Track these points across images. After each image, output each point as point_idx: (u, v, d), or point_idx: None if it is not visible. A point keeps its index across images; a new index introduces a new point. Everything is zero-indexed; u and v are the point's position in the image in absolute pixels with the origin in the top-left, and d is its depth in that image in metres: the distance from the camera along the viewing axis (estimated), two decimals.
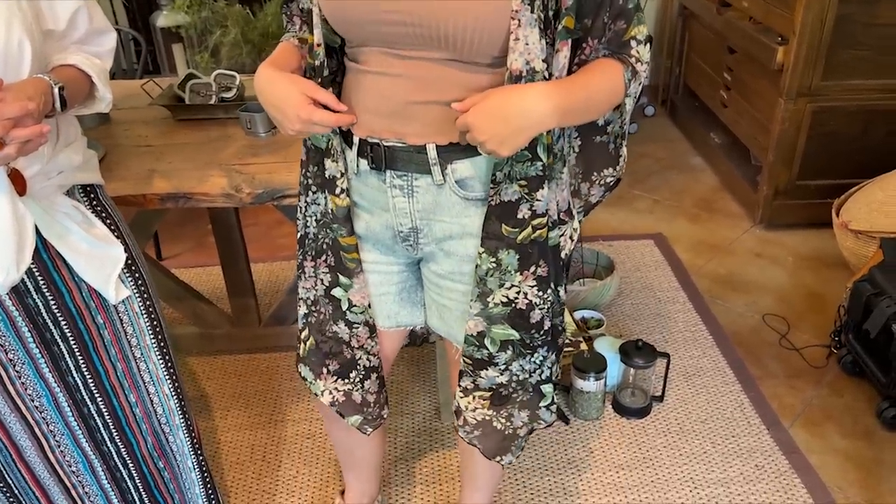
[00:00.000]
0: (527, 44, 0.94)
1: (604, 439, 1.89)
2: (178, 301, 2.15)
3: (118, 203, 1.41)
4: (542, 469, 1.80)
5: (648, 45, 1.04)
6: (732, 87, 3.06)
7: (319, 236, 1.20)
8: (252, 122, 1.76)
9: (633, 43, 1.03)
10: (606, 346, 2.00)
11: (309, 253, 1.24)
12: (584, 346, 2.03)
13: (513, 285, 1.08)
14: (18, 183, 1.07)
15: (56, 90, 1.07)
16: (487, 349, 1.13)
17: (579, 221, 1.17)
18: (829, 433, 1.91)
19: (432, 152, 1.03)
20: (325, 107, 1.01)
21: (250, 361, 2.20)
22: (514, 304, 1.09)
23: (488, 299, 1.09)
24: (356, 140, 1.08)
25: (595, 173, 1.15)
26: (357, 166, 1.10)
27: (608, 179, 1.15)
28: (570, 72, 1.02)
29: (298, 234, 1.26)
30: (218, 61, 3.69)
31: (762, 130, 2.76)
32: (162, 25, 3.63)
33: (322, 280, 1.22)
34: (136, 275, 1.28)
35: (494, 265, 1.07)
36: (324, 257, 1.21)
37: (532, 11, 0.93)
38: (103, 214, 1.26)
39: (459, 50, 0.96)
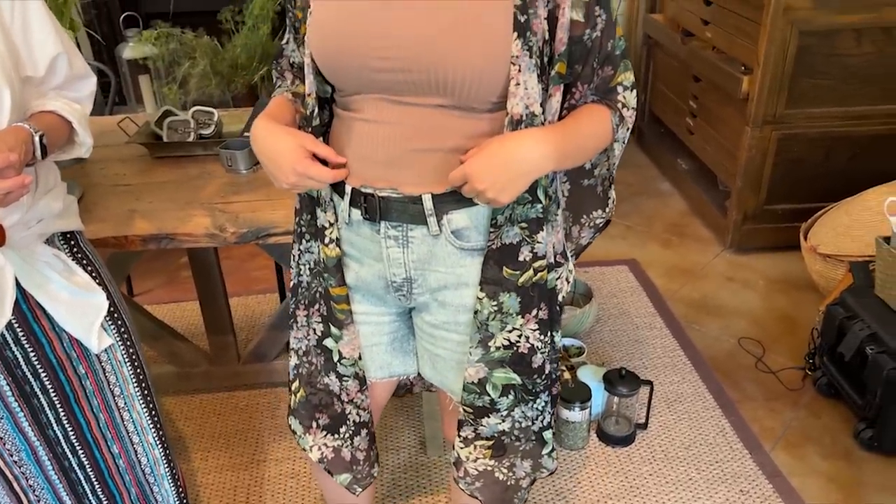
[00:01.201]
0: (526, 88, 0.95)
1: (591, 469, 1.89)
2: (154, 340, 2.10)
3: (98, 246, 1.38)
4: (530, 502, 1.79)
5: (635, 91, 1.06)
6: (698, 114, 3.13)
7: (312, 285, 1.19)
8: (233, 160, 1.75)
9: (619, 89, 1.05)
10: (590, 375, 2.01)
11: (302, 302, 1.22)
12: (567, 376, 2.04)
13: (514, 328, 1.08)
14: None
15: (37, 138, 1.05)
16: (489, 395, 1.12)
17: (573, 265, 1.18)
18: (810, 455, 1.94)
19: (428, 203, 1.02)
20: (324, 162, 1.01)
21: (229, 400, 2.16)
22: (515, 348, 1.09)
23: (490, 343, 1.09)
24: (348, 190, 1.06)
25: (584, 216, 1.16)
26: (349, 216, 1.08)
27: (597, 221, 1.16)
28: (560, 116, 1.04)
29: (292, 283, 1.24)
30: (186, 93, 3.66)
31: (729, 156, 2.83)
32: (128, 57, 3.59)
33: (315, 330, 1.21)
34: (119, 322, 1.25)
35: (496, 309, 1.06)
36: (316, 306, 1.19)
37: (531, 57, 0.94)
38: (84, 261, 1.23)
39: (458, 96, 0.96)
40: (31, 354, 1.16)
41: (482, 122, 0.99)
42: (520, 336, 1.09)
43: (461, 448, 1.20)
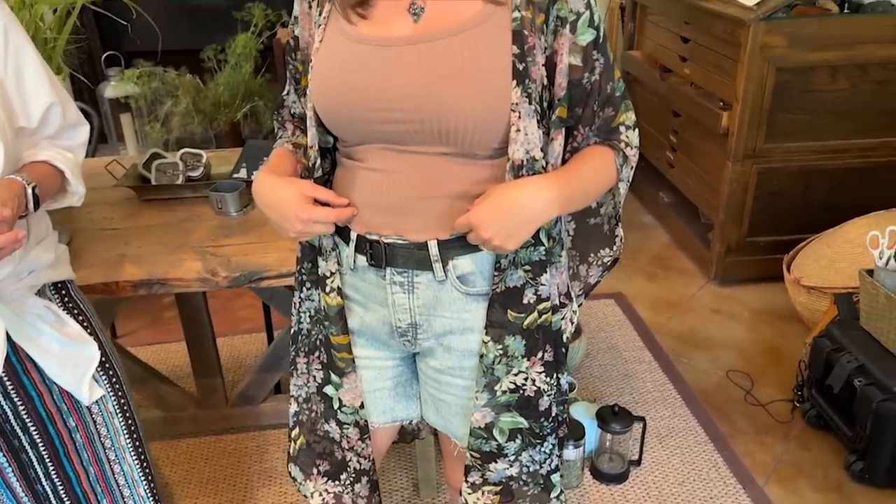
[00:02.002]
0: (526, 134, 0.96)
1: None
2: (140, 384, 2.06)
3: (87, 293, 1.36)
4: None
5: (637, 129, 1.08)
6: (678, 148, 3.18)
7: (313, 332, 1.18)
8: (223, 202, 1.74)
9: (622, 129, 1.07)
10: (582, 412, 2.01)
11: (302, 349, 1.21)
12: None
13: (520, 371, 1.08)
14: None
15: (30, 190, 1.04)
16: (496, 440, 1.11)
17: (579, 305, 1.18)
18: (802, 488, 1.94)
19: (434, 249, 1.02)
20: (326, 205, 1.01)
21: (217, 444, 2.12)
22: (522, 391, 1.09)
23: (496, 388, 1.08)
24: (353, 236, 1.07)
25: (592, 254, 1.17)
26: (354, 262, 1.08)
27: (605, 260, 1.17)
28: (563, 159, 1.05)
29: (292, 330, 1.23)
30: (169, 131, 3.66)
31: (710, 190, 2.87)
32: (110, 96, 3.59)
33: (315, 377, 1.19)
34: (111, 372, 1.23)
35: (501, 352, 1.06)
36: (317, 353, 1.18)
37: (530, 103, 0.95)
38: (75, 311, 1.21)
39: (460, 144, 0.97)
40: (21, 408, 1.13)
41: (484, 169, 1.00)
42: (526, 379, 1.08)
43: (469, 494, 1.18)
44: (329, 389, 1.18)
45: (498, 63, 0.94)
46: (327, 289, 1.11)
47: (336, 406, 1.18)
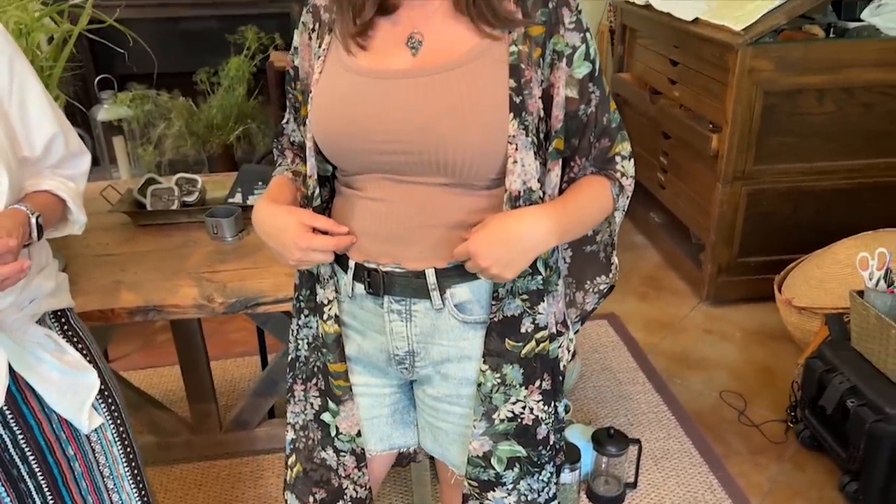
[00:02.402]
0: (523, 165, 0.97)
1: None
2: (134, 409, 2.05)
3: (84, 320, 1.35)
4: None
5: (632, 159, 1.10)
6: (669, 169, 3.21)
7: (311, 359, 1.19)
8: (218, 227, 1.74)
9: (617, 159, 1.08)
10: (578, 435, 2.01)
11: (299, 376, 1.22)
12: None
13: (518, 400, 1.08)
14: None
15: (34, 220, 1.04)
16: (494, 469, 1.11)
17: (575, 332, 1.19)
18: None
19: (431, 277, 1.03)
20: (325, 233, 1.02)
21: (211, 469, 2.10)
22: (519, 420, 1.09)
23: (494, 416, 1.09)
24: (351, 264, 1.07)
25: (588, 282, 1.18)
26: (352, 290, 1.09)
27: (601, 287, 1.18)
28: (560, 189, 1.06)
29: (290, 357, 1.24)
30: (161, 153, 3.67)
31: (701, 211, 2.90)
32: (103, 119, 3.60)
33: (312, 404, 1.20)
34: (109, 400, 1.23)
35: (499, 381, 1.07)
36: (314, 380, 1.18)
37: (527, 135, 0.97)
38: (74, 339, 1.21)
39: (458, 175, 0.98)
40: (20, 437, 1.12)
41: (481, 199, 1.02)
42: (524, 408, 1.09)
43: None
44: (326, 417, 1.19)
45: (495, 96, 0.96)
46: (325, 316, 1.11)
47: (333, 433, 1.18)
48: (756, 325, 2.77)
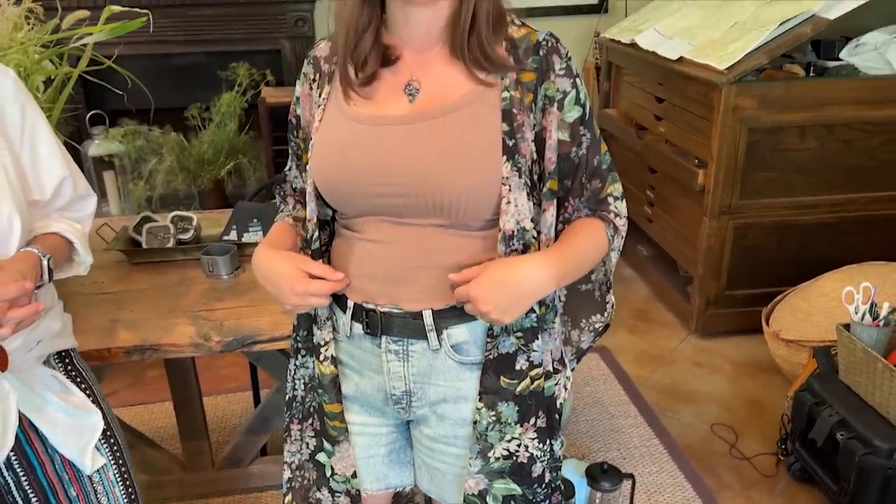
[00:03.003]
0: (517, 206, 1.00)
1: None
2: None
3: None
4: None
5: (624, 200, 1.13)
6: (655, 203, 3.27)
7: (307, 400, 1.20)
8: (214, 265, 1.75)
9: (610, 200, 1.11)
10: (572, 470, 2.02)
11: (296, 416, 1.23)
12: None
13: (513, 438, 1.10)
14: (1, 359, 1.03)
15: (45, 262, 1.06)
16: None
17: (572, 369, 1.21)
18: None
19: (428, 319, 1.05)
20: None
21: None
22: (515, 458, 1.10)
23: (489, 454, 1.10)
24: (350, 305, 1.09)
25: (584, 320, 1.20)
26: (350, 329, 1.11)
27: (597, 326, 1.20)
28: (556, 229, 1.09)
29: (287, 397, 1.25)
30: (152, 188, 3.68)
31: (688, 244, 2.95)
32: (94, 154, 3.61)
33: (308, 444, 1.21)
34: (112, 440, 1.23)
35: (494, 419, 1.08)
36: (310, 420, 1.20)
37: (520, 177, 1.00)
38: (78, 379, 1.21)
39: (454, 216, 1.01)
40: (23, 479, 1.12)
41: (477, 240, 1.04)
42: (519, 445, 1.10)
43: None
44: (321, 457, 1.19)
45: (488, 140, 0.99)
46: (321, 357, 1.13)
47: (328, 474, 1.19)
48: (745, 357, 2.80)
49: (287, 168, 1.23)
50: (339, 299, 1.12)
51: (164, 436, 2.37)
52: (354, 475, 1.18)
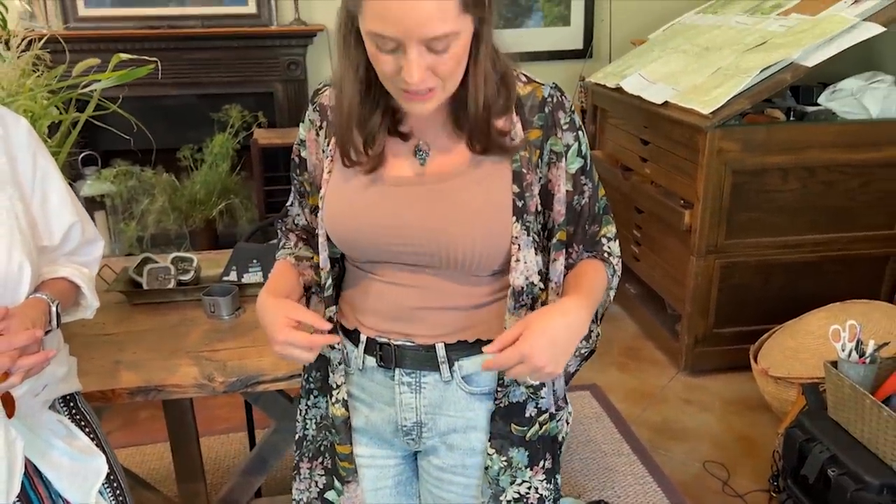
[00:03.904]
0: (525, 262, 1.05)
1: None
2: None
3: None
4: None
5: (617, 240, 1.17)
6: (642, 242, 3.33)
7: (318, 438, 1.22)
8: (216, 306, 1.77)
9: (604, 241, 1.16)
10: None
11: (306, 455, 1.24)
12: None
13: (524, 481, 1.12)
14: (8, 405, 1.04)
15: (54, 308, 1.08)
16: None
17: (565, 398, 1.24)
18: None
19: (441, 351, 1.09)
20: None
21: None
22: (525, 500, 1.13)
23: (501, 498, 1.12)
24: (363, 338, 1.12)
25: None
26: (363, 363, 1.13)
27: (583, 351, 1.22)
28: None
29: (297, 436, 1.26)
30: (144, 228, 3.69)
31: (675, 283, 3.00)
32: (86, 195, 3.63)
33: (317, 482, 1.22)
34: (115, 484, 1.23)
35: (506, 464, 1.11)
36: (321, 459, 1.21)
37: (528, 234, 1.05)
38: (82, 423, 1.22)
39: (465, 269, 1.06)
40: None
41: (485, 287, 1.10)
42: (529, 488, 1.13)
43: None
44: (331, 495, 1.21)
45: (499, 202, 1.04)
46: (334, 399, 1.15)
47: None
48: (734, 394, 2.84)
49: (289, 203, 1.25)
50: (350, 334, 1.14)
51: (157, 477, 2.35)
52: None
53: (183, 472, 2.01)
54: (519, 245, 1.04)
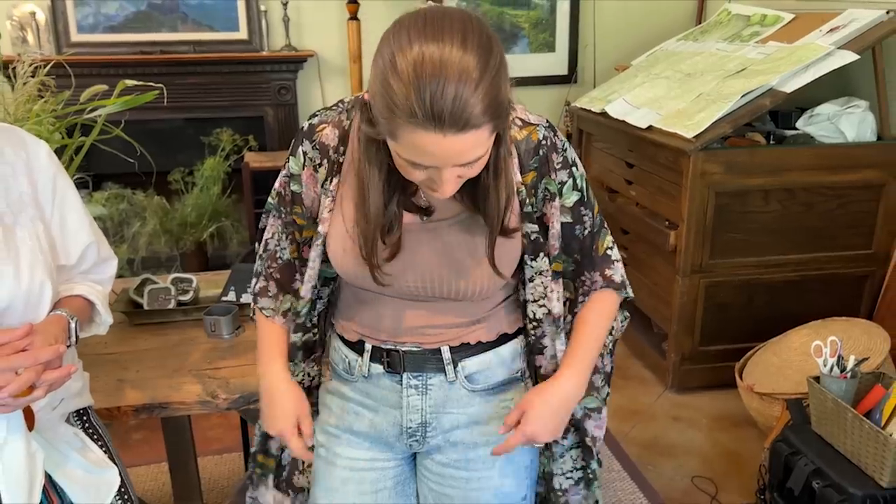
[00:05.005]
0: (555, 291, 1.15)
1: None
2: None
3: None
4: None
5: (615, 247, 1.23)
6: (629, 263, 3.39)
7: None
8: (216, 325, 1.80)
9: (609, 253, 1.21)
10: None
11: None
12: None
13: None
14: (29, 419, 1.08)
15: (73, 325, 1.11)
16: None
17: (606, 395, 1.31)
18: None
19: (447, 354, 1.15)
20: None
21: None
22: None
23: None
24: (368, 347, 1.17)
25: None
26: (368, 370, 1.18)
27: (609, 345, 1.28)
28: (575, 300, 1.20)
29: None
30: (135, 251, 3.71)
31: (661, 302, 3.07)
32: None
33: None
34: (126, 496, 1.26)
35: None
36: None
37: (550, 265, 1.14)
38: (95, 437, 1.25)
39: (468, 299, 1.12)
40: None
41: (485, 303, 1.17)
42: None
43: None
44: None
45: (510, 244, 1.10)
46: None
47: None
48: (720, 411, 2.89)
49: (268, 236, 1.23)
50: (353, 345, 1.19)
51: (152, 499, 2.36)
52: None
53: (181, 491, 2.03)
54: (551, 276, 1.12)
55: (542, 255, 1.11)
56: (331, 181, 1.12)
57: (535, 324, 1.16)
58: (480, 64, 0.86)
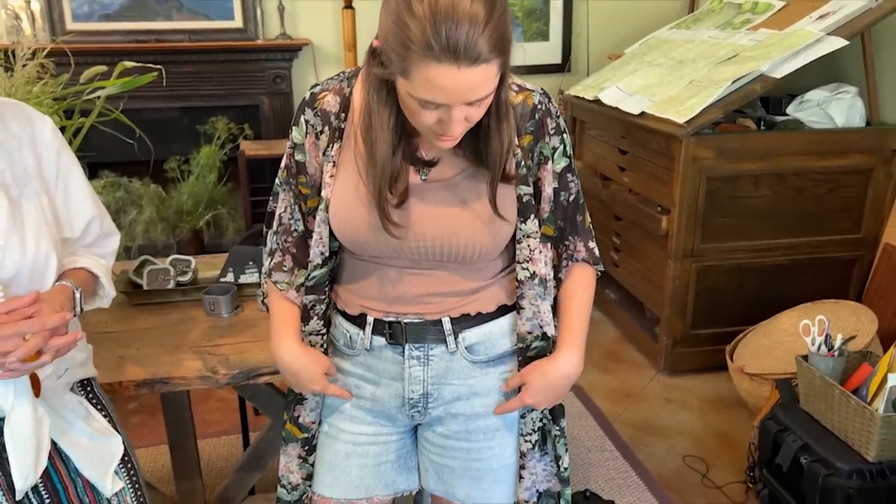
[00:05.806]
0: (543, 253, 1.18)
1: None
2: None
3: None
4: None
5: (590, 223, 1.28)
6: (622, 249, 3.44)
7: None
8: (216, 304, 1.83)
9: (590, 227, 1.26)
10: None
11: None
12: None
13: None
14: (35, 385, 1.10)
15: (78, 295, 1.14)
16: None
17: None
18: None
19: (448, 325, 1.18)
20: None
21: None
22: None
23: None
24: (370, 320, 1.20)
25: None
26: (370, 343, 1.21)
27: None
28: (559, 264, 1.23)
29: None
30: (132, 238, 3.73)
31: (654, 287, 3.11)
32: None
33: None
34: (129, 465, 1.29)
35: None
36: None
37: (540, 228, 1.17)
38: (98, 406, 1.28)
39: (469, 263, 1.15)
40: (47, 500, 1.18)
41: (485, 271, 1.20)
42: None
43: None
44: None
45: (507, 204, 1.13)
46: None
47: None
48: (711, 392, 2.94)
49: (281, 210, 1.23)
50: (355, 319, 1.22)
51: (150, 479, 2.39)
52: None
53: (180, 470, 2.06)
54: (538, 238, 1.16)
55: (532, 217, 1.14)
56: (332, 147, 1.14)
57: (516, 284, 1.19)
58: (488, 4, 0.93)
